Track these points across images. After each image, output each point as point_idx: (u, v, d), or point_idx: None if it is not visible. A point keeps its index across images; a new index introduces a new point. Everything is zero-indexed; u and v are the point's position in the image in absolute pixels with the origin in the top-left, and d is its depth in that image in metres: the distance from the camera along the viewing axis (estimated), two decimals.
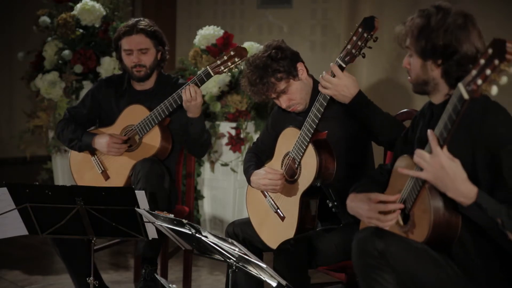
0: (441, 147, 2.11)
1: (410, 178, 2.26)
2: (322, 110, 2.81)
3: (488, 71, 1.96)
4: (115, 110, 3.73)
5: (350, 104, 2.79)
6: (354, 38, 2.71)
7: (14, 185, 2.83)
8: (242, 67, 3.60)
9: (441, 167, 2.10)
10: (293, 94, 3.01)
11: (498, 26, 4.57)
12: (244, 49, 3.57)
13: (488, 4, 4.65)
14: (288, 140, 3.00)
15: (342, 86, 2.75)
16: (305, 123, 2.87)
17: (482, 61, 1.97)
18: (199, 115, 3.55)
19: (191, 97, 3.45)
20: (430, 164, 2.13)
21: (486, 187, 2.17)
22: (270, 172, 3.00)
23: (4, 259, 4.50)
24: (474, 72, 1.99)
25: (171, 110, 3.56)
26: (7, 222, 2.90)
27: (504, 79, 1.96)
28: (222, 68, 3.53)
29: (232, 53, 3.53)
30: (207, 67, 3.55)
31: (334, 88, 2.75)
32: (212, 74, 3.54)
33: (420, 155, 2.16)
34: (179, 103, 3.54)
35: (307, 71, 3.07)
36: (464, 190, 2.11)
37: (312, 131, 2.84)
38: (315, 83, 3.06)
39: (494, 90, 1.97)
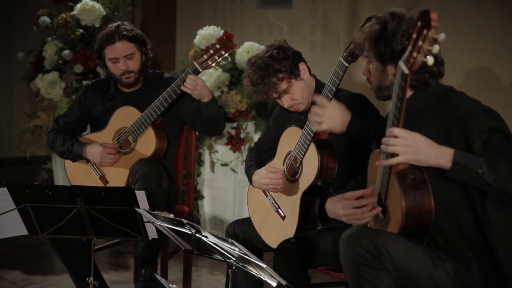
0: (397, 127, 2.18)
1: (380, 170, 2.31)
2: None
3: (420, 43, 2.05)
4: (105, 114, 3.68)
5: (348, 131, 2.67)
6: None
7: (14, 185, 2.83)
8: (229, 59, 3.59)
9: (414, 143, 2.16)
10: (294, 94, 3.01)
11: (498, 26, 4.57)
12: (230, 41, 3.55)
13: (488, 4, 4.64)
14: (290, 139, 3.00)
15: (334, 116, 2.66)
16: (307, 122, 2.86)
17: (414, 35, 2.07)
18: (212, 97, 3.53)
19: (192, 85, 3.44)
20: (403, 144, 2.17)
21: None
22: (271, 171, 3.00)
23: (4, 259, 4.49)
24: (409, 47, 2.09)
25: (162, 109, 3.54)
26: (7, 222, 2.90)
27: (436, 48, 2.06)
28: (209, 62, 3.50)
29: (217, 46, 3.51)
30: (194, 63, 3.52)
31: (327, 120, 2.65)
32: (200, 69, 3.51)
33: (387, 142, 2.19)
34: (170, 101, 3.52)
35: (309, 70, 3.06)
36: (440, 154, 2.17)
37: (314, 130, 2.84)
38: (318, 82, 3.06)
39: (430, 60, 2.07)
